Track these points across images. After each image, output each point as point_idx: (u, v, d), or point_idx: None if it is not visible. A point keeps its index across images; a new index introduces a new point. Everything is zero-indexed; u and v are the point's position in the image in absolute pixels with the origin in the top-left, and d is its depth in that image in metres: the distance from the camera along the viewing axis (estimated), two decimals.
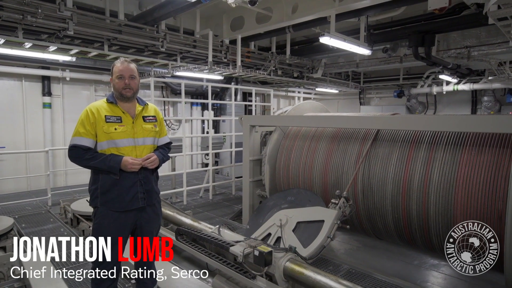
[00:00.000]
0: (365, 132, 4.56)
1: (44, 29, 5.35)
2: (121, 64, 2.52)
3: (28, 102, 8.00)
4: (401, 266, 4.48)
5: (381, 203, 4.17)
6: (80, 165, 2.45)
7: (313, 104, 6.14)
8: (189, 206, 6.55)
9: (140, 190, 2.52)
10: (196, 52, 7.14)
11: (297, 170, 5.07)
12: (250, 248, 3.16)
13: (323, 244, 3.58)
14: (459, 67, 7.91)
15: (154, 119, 2.69)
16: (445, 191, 3.58)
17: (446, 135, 3.78)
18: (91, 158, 2.39)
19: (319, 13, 5.49)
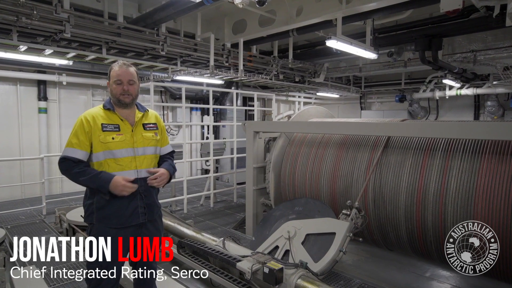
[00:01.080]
0: (375, 139, 4.38)
1: (40, 31, 5.15)
2: (119, 68, 2.30)
3: (23, 107, 7.77)
4: (412, 278, 4.29)
5: (393, 213, 3.97)
6: (70, 179, 2.22)
7: (318, 109, 5.96)
8: (189, 214, 6.33)
9: (140, 205, 2.31)
10: (197, 56, 6.96)
11: (304, 178, 4.87)
12: (258, 264, 2.96)
13: (335, 259, 3.38)
14: (464, 72, 7.78)
15: (155, 126, 2.48)
16: (464, 201, 3.39)
17: (463, 142, 3.60)
18: (80, 173, 2.17)
19: (325, 16, 5.33)
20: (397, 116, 12.43)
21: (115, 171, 2.23)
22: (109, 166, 2.23)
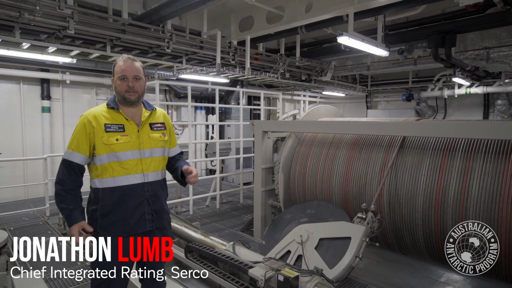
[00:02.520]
0: (390, 139, 4.21)
1: (43, 28, 5.02)
2: (124, 63, 2.12)
3: (26, 106, 7.65)
4: (427, 283, 4.14)
5: (410, 216, 3.81)
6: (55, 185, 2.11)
7: (328, 108, 5.80)
8: (195, 216, 6.20)
9: (147, 211, 2.15)
10: (203, 53, 6.81)
11: (314, 179, 4.72)
12: (272, 271, 2.81)
13: (351, 265, 3.22)
14: (477, 69, 7.57)
15: (162, 126, 2.30)
16: (487, 205, 3.22)
17: (485, 142, 3.43)
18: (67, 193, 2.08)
19: (335, 12, 5.16)
20: (404, 115, 12.23)
21: (120, 175, 2.09)
22: (113, 170, 2.08)
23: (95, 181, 2.12)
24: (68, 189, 2.07)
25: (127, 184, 2.10)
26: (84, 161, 2.09)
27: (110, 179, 2.08)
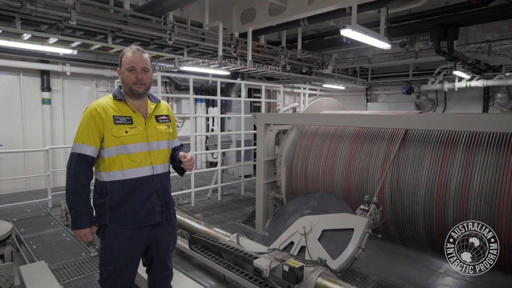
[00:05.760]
0: (392, 132, 4.23)
1: (44, 19, 4.96)
2: (133, 54, 2.10)
3: (27, 98, 7.62)
4: (427, 274, 4.20)
5: (411, 208, 3.85)
6: (68, 179, 2.10)
7: (330, 101, 5.80)
8: (197, 208, 6.24)
9: (157, 203, 2.17)
10: (204, 45, 6.76)
11: (317, 172, 4.75)
12: (277, 262, 2.85)
13: (354, 256, 3.27)
14: (478, 63, 7.57)
15: (167, 118, 2.32)
16: (488, 197, 3.26)
17: (486, 135, 3.46)
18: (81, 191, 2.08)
19: (339, 4, 5.12)
20: (404, 108, 12.26)
21: (129, 168, 2.09)
22: (122, 162, 2.08)
23: (101, 174, 2.11)
24: (81, 185, 2.07)
25: (137, 177, 2.11)
26: (95, 153, 2.08)
27: (119, 172, 2.08)
